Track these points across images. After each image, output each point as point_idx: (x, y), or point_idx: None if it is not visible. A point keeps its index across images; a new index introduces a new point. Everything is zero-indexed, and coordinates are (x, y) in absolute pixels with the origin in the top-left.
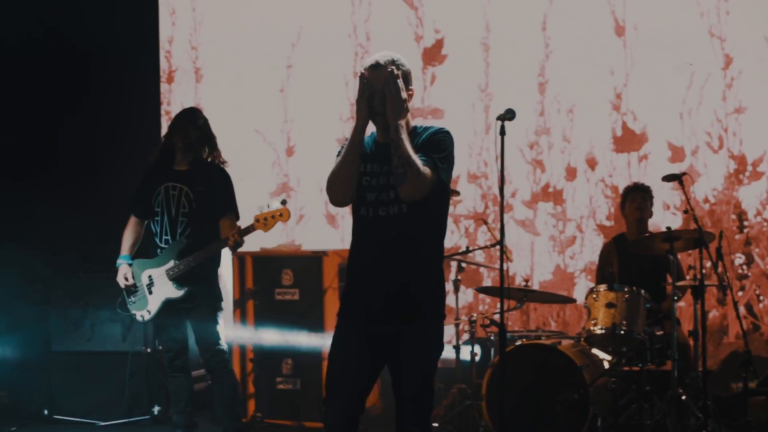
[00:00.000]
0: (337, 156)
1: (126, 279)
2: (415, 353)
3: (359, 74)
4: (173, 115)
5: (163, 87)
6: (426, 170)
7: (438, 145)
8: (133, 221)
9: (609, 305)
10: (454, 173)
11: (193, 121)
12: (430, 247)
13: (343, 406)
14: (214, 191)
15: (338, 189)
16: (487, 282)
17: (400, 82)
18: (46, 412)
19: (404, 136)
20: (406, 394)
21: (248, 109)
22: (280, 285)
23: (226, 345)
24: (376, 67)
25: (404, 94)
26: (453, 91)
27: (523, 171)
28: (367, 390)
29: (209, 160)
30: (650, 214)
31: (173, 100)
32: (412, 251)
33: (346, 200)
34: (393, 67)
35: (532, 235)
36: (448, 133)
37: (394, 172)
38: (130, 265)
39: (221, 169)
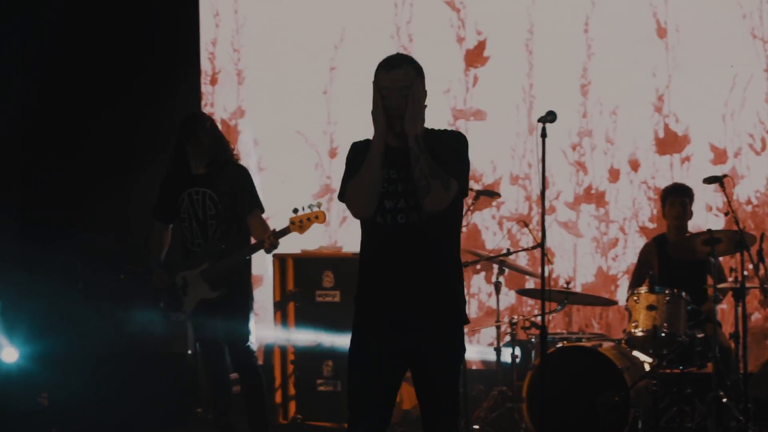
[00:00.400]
0: (347, 163)
1: (162, 282)
2: (444, 363)
3: (373, 79)
4: (217, 117)
5: (207, 89)
6: (450, 182)
7: (457, 152)
8: (158, 227)
9: (650, 307)
10: (497, 174)
11: (201, 125)
12: (451, 254)
13: (371, 424)
14: (236, 189)
15: (362, 201)
16: (530, 284)
17: (419, 88)
18: (86, 413)
19: (425, 150)
20: (437, 405)
21: (290, 111)
22: (320, 287)
23: (254, 345)
24: (390, 67)
25: (424, 102)
26: (495, 92)
27: (566, 173)
28: (393, 403)
29: (225, 159)
30: (690, 215)
31: (216, 102)
32: (434, 259)
33: (371, 212)
34: (410, 69)
35: (574, 237)
36: (465, 137)
37: (416, 185)
38: (163, 268)
39: (239, 166)
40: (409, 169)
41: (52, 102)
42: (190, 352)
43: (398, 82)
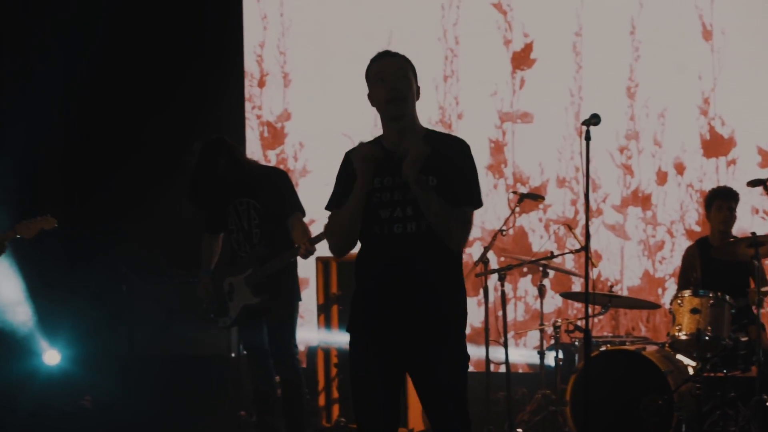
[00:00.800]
0: (338, 176)
1: (206, 293)
2: (446, 372)
3: (368, 77)
4: (265, 119)
5: (255, 91)
6: (465, 214)
7: (468, 169)
8: (208, 238)
9: (694, 311)
10: (544, 177)
11: (219, 153)
12: (451, 262)
13: (378, 428)
14: (276, 194)
15: (339, 242)
16: (577, 287)
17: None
18: (130, 416)
19: (429, 190)
20: (443, 418)
21: (337, 114)
22: None
23: (297, 350)
24: (383, 55)
25: (425, 149)
26: (542, 95)
27: (613, 175)
28: (398, 405)
29: (257, 170)
30: (735, 219)
31: (263, 105)
32: (433, 268)
33: (347, 252)
34: (404, 59)
35: (622, 240)
36: (468, 146)
37: (434, 229)
38: (210, 278)
39: (277, 170)
40: (404, 176)
41: (95, 112)
42: (233, 355)
43: (394, 65)
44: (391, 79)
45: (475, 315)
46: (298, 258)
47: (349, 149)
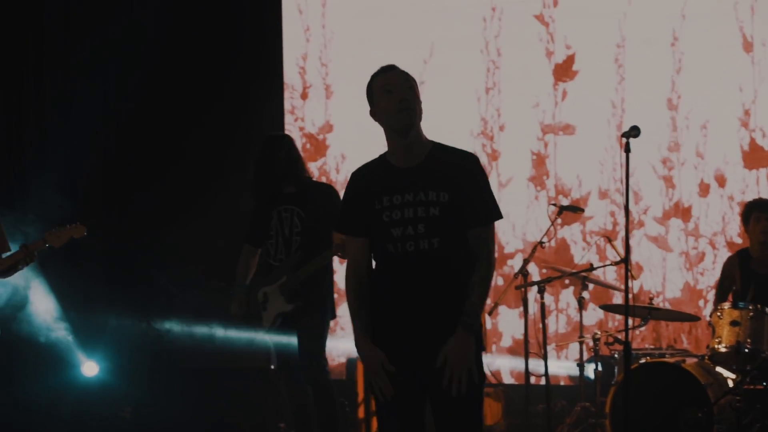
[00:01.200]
0: (345, 197)
1: (239, 310)
2: (467, 387)
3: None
4: (307, 131)
5: (297, 103)
6: (489, 234)
7: (485, 185)
8: (247, 251)
9: (733, 323)
10: (585, 189)
11: (280, 147)
12: (467, 277)
13: None
14: (324, 209)
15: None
16: (617, 299)
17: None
18: (169, 428)
19: (477, 317)
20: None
21: (378, 126)
22: None
23: (326, 360)
24: (390, 68)
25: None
26: (584, 107)
27: (655, 187)
28: (421, 421)
29: (309, 178)
30: None
31: (305, 117)
32: (447, 285)
33: None
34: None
35: (663, 252)
36: (479, 161)
37: None
38: (246, 294)
39: (329, 186)
40: (415, 192)
41: (136, 125)
42: (273, 367)
43: (400, 77)
44: (398, 90)
45: (516, 327)
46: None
47: (355, 170)
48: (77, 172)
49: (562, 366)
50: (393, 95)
